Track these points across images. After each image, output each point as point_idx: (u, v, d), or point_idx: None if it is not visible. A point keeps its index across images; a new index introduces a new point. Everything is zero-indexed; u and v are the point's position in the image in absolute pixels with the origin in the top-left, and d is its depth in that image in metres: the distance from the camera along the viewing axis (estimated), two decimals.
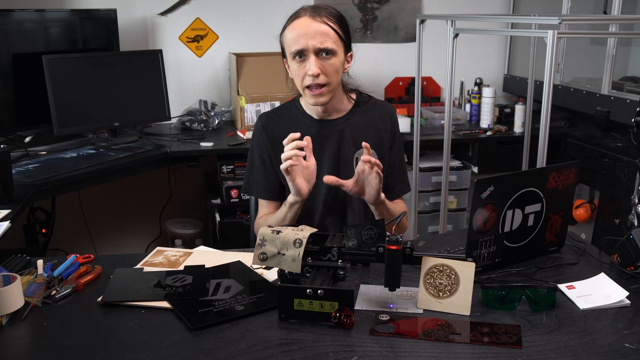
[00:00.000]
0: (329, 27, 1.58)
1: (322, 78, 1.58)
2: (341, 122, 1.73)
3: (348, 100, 1.76)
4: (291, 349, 1.10)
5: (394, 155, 1.78)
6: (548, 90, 2.10)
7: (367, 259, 1.26)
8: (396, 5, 3.58)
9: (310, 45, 1.56)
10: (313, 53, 1.56)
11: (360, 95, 1.79)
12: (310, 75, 1.57)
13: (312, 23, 1.57)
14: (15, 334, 1.16)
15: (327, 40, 1.57)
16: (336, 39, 1.59)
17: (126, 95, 2.88)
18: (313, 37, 1.56)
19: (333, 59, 1.59)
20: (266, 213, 1.77)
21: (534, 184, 1.41)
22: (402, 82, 3.63)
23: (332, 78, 1.60)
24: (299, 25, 1.58)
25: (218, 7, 3.38)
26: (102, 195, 3.34)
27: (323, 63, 1.57)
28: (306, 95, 1.63)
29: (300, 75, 1.60)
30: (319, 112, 1.71)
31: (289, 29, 1.60)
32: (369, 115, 1.76)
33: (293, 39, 1.58)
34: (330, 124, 1.73)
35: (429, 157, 3.24)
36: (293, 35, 1.58)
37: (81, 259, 1.48)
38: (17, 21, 2.75)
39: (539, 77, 2.83)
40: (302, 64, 1.58)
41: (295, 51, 1.57)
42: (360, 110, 1.76)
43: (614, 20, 2.66)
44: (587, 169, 2.83)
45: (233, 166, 2.87)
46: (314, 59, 1.56)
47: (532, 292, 1.23)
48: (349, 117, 1.74)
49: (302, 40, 1.56)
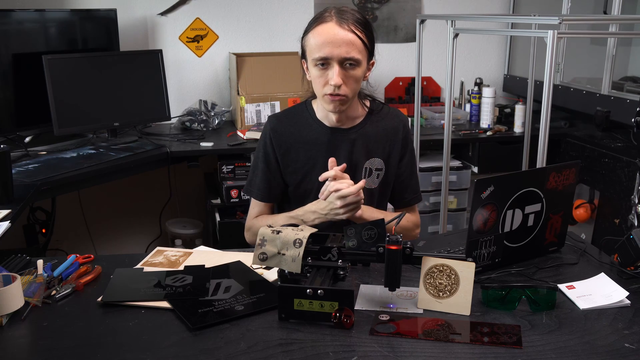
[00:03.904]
0: (355, 35, 1.52)
1: (343, 89, 1.55)
2: (353, 132, 1.70)
3: (362, 108, 1.73)
4: (291, 349, 1.10)
5: (404, 166, 1.76)
6: (548, 90, 2.10)
7: (367, 259, 1.26)
8: (396, 5, 3.58)
9: (336, 54, 1.51)
10: (337, 63, 1.52)
11: (374, 102, 1.76)
12: (333, 85, 1.53)
13: (339, 31, 1.51)
14: (15, 334, 1.16)
15: (353, 50, 1.52)
16: (362, 48, 1.54)
17: (126, 95, 2.88)
18: (339, 46, 1.51)
19: (357, 69, 1.55)
20: (259, 213, 1.76)
21: (534, 184, 1.41)
22: (402, 82, 3.63)
23: (352, 88, 1.57)
24: (325, 31, 1.52)
25: (218, 7, 3.38)
26: (102, 195, 3.34)
27: (346, 73, 1.54)
28: (324, 102, 1.60)
29: (321, 82, 1.56)
30: (331, 120, 1.68)
31: (314, 33, 1.55)
32: (382, 125, 1.73)
33: (318, 45, 1.53)
34: (342, 132, 1.70)
35: (429, 157, 3.24)
36: (318, 41, 1.53)
37: (81, 259, 1.48)
38: (17, 21, 2.75)
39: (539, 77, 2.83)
40: (325, 71, 1.54)
41: (319, 58, 1.53)
42: (373, 119, 1.73)
43: (614, 20, 2.66)
44: (587, 169, 2.83)
45: (233, 166, 2.87)
46: (338, 68, 1.52)
47: (532, 292, 1.23)
48: (361, 127, 1.71)
49: (327, 48, 1.51)
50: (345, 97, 1.57)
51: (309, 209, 1.64)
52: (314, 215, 1.62)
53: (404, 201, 1.80)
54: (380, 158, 1.72)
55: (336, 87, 1.54)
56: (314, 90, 1.63)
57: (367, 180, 1.69)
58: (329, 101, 1.58)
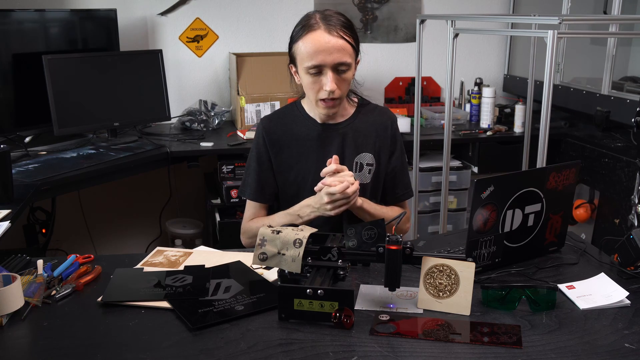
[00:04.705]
0: (345, 41, 1.57)
1: (337, 93, 1.60)
2: (343, 127, 1.74)
3: (349, 104, 1.76)
4: (291, 349, 1.10)
5: (395, 162, 1.79)
6: (548, 90, 2.10)
7: (367, 259, 1.26)
8: (396, 5, 3.58)
9: (329, 61, 1.56)
10: (330, 69, 1.57)
11: (361, 98, 1.80)
12: (327, 90, 1.58)
13: (329, 38, 1.55)
14: (15, 334, 1.16)
15: (344, 55, 1.57)
16: (351, 51, 1.60)
17: (126, 95, 2.88)
18: (331, 54, 1.55)
19: (348, 72, 1.60)
20: (253, 215, 1.78)
21: (534, 184, 1.41)
22: (402, 82, 3.63)
23: (345, 90, 1.64)
24: (315, 39, 1.56)
25: (218, 7, 3.38)
26: (102, 195, 3.34)
27: (339, 78, 1.59)
28: (319, 107, 1.64)
29: (315, 88, 1.61)
30: (322, 116, 1.72)
31: (304, 41, 1.57)
32: (371, 120, 1.77)
33: (309, 54, 1.56)
34: (332, 127, 1.73)
35: (429, 157, 3.24)
36: (309, 49, 1.56)
37: (81, 259, 1.48)
38: (17, 21, 2.75)
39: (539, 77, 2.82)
40: (317, 77, 1.59)
41: (312, 66, 1.57)
42: (361, 114, 1.77)
43: (614, 20, 2.65)
44: (587, 169, 2.83)
45: (233, 166, 2.87)
46: (332, 75, 1.57)
47: (532, 292, 1.23)
48: (351, 121, 1.75)
49: (319, 57, 1.55)
50: (339, 99, 1.63)
51: (305, 203, 1.66)
52: (309, 209, 1.64)
53: (395, 196, 1.82)
54: (370, 153, 1.75)
55: (331, 92, 1.58)
56: (307, 96, 1.67)
57: (359, 175, 1.72)
58: (324, 106, 1.63)
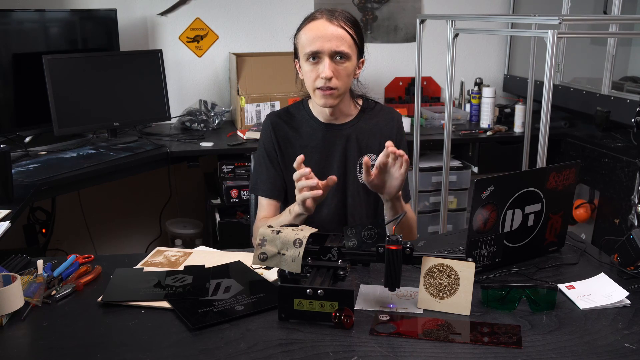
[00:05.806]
0: (345, 31, 1.59)
1: (334, 81, 1.59)
2: (347, 127, 1.74)
3: (354, 106, 1.77)
4: (291, 349, 1.10)
5: None
6: (548, 90, 2.10)
7: (367, 259, 1.26)
8: (396, 5, 3.58)
9: (326, 47, 1.57)
10: (328, 56, 1.58)
11: (367, 101, 1.80)
12: (323, 77, 1.58)
13: (329, 26, 1.58)
14: (15, 334, 1.16)
15: (342, 44, 1.58)
16: (351, 43, 1.60)
17: (126, 95, 2.88)
18: (329, 40, 1.57)
19: (346, 63, 1.60)
20: (267, 214, 1.77)
21: (534, 184, 1.41)
22: (402, 82, 3.63)
23: (344, 82, 1.62)
24: (315, 27, 1.59)
25: (218, 7, 3.38)
26: (102, 195, 3.34)
27: (337, 67, 1.59)
28: (316, 96, 1.64)
29: (312, 76, 1.61)
30: (326, 116, 1.72)
31: (305, 30, 1.61)
32: (375, 121, 1.77)
33: (308, 41, 1.58)
34: (337, 128, 1.73)
35: (429, 157, 3.24)
36: (309, 36, 1.59)
37: (81, 259, 1.48)
38: (17, 21, 2.75)
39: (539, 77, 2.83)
40: (315, 65, 1.59)
41: (310, 52, 1.58)
42: (367, 116, 1.77)
43: (614, 20, 2.66)
44: (587, 169, 2.83)
45: (233, 166, 2.87)
46: (328, 61, 1.58)
47: (532, 292, 1.23)
48: (355, 122, 1.75)
49: (317, 42, 1.57)
50: (336, 89, 1.61)
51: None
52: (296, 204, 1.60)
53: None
54: (375, 154, 1.73)
55: (327, 80, 1.58)
56: (306, 87, 1.67)
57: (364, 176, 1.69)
58: (321, 95, 1.62)
